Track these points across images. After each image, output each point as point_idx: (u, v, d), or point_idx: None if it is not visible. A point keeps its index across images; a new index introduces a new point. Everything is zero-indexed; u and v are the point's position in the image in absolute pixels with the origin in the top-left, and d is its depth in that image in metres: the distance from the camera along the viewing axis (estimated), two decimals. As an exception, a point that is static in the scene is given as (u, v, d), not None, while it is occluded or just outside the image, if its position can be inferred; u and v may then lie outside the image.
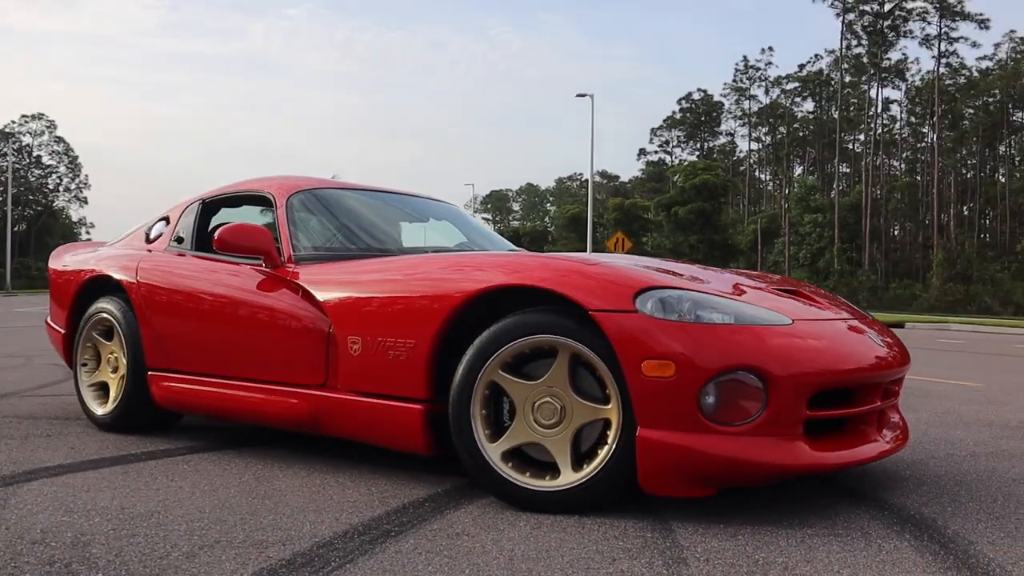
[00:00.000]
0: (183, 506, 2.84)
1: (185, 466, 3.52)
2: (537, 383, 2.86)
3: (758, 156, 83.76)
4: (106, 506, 2.83)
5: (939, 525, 2.79)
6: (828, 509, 2.96)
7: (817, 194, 60.88)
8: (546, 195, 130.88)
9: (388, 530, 2.59)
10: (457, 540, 2.51)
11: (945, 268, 46.59)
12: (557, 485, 2.80)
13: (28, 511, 2.75)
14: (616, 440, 2.74)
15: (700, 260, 44.73)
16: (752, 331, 2.72)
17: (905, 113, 71.99)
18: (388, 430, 3.17)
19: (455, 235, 4.46)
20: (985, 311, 41.23)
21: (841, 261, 56.35)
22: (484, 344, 2.90)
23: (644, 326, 2.66)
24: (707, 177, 42.71)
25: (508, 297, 2.96)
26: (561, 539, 2.54)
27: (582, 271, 2.84)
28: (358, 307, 3.27)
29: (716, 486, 2.75)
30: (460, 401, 2.92)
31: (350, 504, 2.91)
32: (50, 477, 3.26)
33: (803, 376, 2.73)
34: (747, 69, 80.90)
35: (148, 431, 4.25)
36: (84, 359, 4.48)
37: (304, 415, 3.44)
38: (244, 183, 4.45)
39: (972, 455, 4.06)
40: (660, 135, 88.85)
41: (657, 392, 2.62)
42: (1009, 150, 66.27)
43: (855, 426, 3.05)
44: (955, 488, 3.35)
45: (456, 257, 3.28)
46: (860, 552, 2.48)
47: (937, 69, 58.60)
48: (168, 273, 4.10)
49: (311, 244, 3.80)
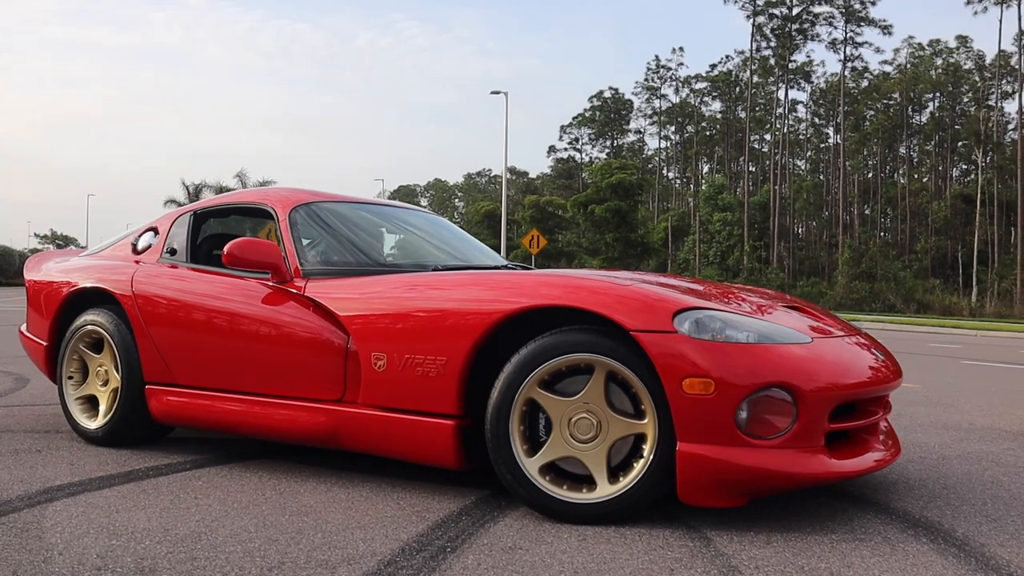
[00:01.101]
0: (225, 526, 2.85)
1: (199, 482, 3.50)
2: (574, 399, 2.97)
3: (666, 154, 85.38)
4: (147, 527, 2.82)
5: (947, 528, 3.00)
6: (840, 515, 3.14)
7: (726, 193, 62.40)
8: (454, 191, 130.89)
9: (443, 546, 2.66)
10: (514, 554, 2.59)
11: (851, 266, 48.32)
12: (595, 497, 2.91)
13: (70, 534, 2.73)
14: (653, 454, 2.86)
15: (616, 258, 45.52)
16: (782, 350, 2.88)
17: (809, 114, 74.42)
18: (417, 445, 3.23)
19: (451, 247, 4.51)
20: (889, 308, 42.92)
21: (751, 259, 57.90)
22: (523, 362, 2.99)
23: (684, 346, 2.79)
24: (623, 176, 43.39)
25: (542, 316, 3.05)
26: (612, 551, 2.65)
27: (621, 292, 2.95)
28: (383, 324, 3.32)
29: (748, 496, 2.90)
30: (498, 418, 3.01)
31: (389, 519, 2.96)
32: (69, 496, 3.22)
33: (827, 391, 2.90)
34: (659, 68, 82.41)
35: (140, 445, 4.20)
36: (70, 372, 4.39)
37: (322, 430, 3.47)
38: (240, 194, 4.42)
39: (943, 458, 4.32)
40: (570, 132, 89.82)
41: (697, 408, 2.76)
42: (909, 151, 69.11)
43: (860, 437, 3.24)
44: (943, 491, 3.58)
45: (489, 276, 3.35)
46: (889, 556, 2.66)
47: (843, 72, 60.68)
48: (168, 286, 4.05)
49: (318, 258, 3.82)
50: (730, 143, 77.73)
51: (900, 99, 65.81)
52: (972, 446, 4.67)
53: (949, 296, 46.50)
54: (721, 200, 60.32)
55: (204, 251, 4.40)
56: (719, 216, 59.16)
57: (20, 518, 2.92)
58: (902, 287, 45.13)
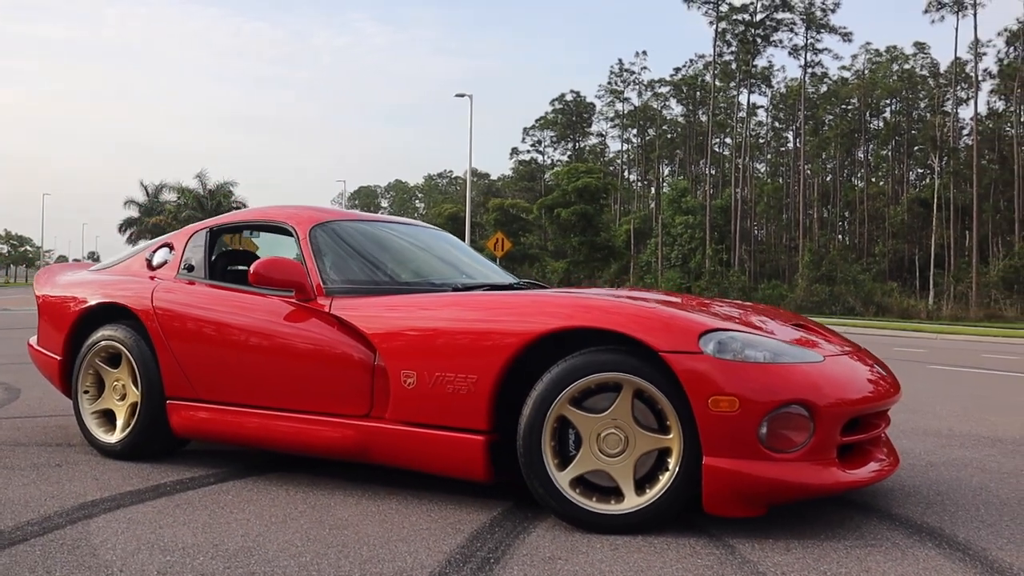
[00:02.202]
0: (272, 540, 2.97)
1: (228, 496, 3.60)
2: (603, 416, 3.12)
3: (628, 157, 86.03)
4: (196, 543, 2.92)
5: (948, 534, 3.20)
6: (848, 522, 3.33)
7: (688, 196, 63.05)
8: (415, 192, 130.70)
9: (486, 557, 2.80)
10: (555, 564, 2.74)
11: (811, 269, 49.06)
12: (623, 508, 3.07)
13: (123, 550, 2.83)
14: (678, 467, 3.03)
15: (582, 261, 45.88)
16: (800, 368, 3.07)
17: (770, 118, 75.42)
18: (448, 460, 3.37)
19: (462, 264, 4.65)
20: (849, 311, 43.66)
21: (713, 262, 58.57)
22: (554, 381, 3.14)
23: (709, 366, 2.96)
24: (589, 180, 43.77)
25: (571, 336, 3.20)
26: (646, 560, 2.81)
27: (650, 315, 3.12)
28: (413, 342, 3.45)
29: (767, 506, 3.07)
30: (531, 434, 3.15)
31: (426, 532, 3.09)
32: (107, 512, 3.31)
33: (839, 406, 3.09)
34: (622, 72, 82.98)
35: (158, 458, 4.28)
36: (86, 386, 4.45)
37: (351, 444, 3.59)
38: (256, 212, 4.52)
39: (931, 465, 4.54)
40: (533, 135, 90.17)
41: (723, 425, 2.93)
42: (866, 156, 70.32)
43: (865, 448, 3.43)
44: (938, 498, 3.78)
45: (520, 297, 3.50)
46: (901, 561, 2.85)
47: (803, 78, 61.60)
48: (191, 303, 4.14)
49: (340, 277, 3.93)
50: (691, 146, 78.52)
51: (858, 104, 66.96)
52: (955, 452, 4.90)
53: (907, 299, 47.44)
54: (684, 203, 60.91)
55: (220, 267, 4.49)
56: (681, 219, 59.72)
57: (67, 535, 3.00)
58: (861, 290, 45.93)
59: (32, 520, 3.17)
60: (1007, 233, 56.30)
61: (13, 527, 3.08)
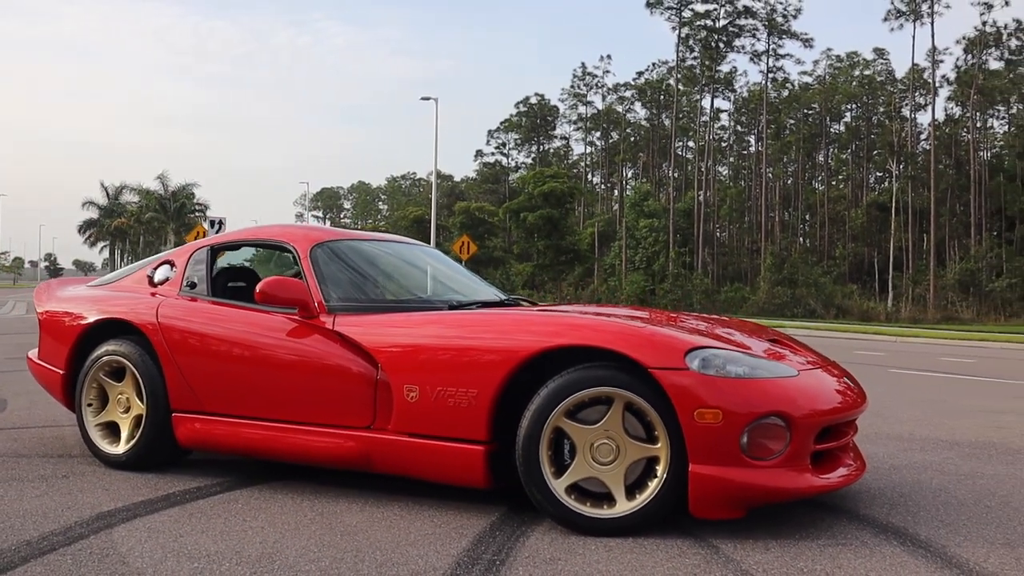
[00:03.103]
0: (289, 547, 3.17)
1: (237, 505, 3.79)
2: (596, 427, 3.37)
3: (591, 160, 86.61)
4: (217, 550, 3.12)
5: (912, 533, 3.48)
6: (820, 522, 3.60)
7: (652, 199, 63.67)
8: (378, 193, 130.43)
9: (492, 560, 3.03)
10: (556, 565, 2.98)
11: (773, 272, 49.86)
12: (615, 513, 3.32)
13: (150, 559, 3.01)
14: (666, 474, 3.28)
15: (548, 265, 46.25)
16: (777, 383, 3.34)
17: (732, 122, 76.34)
18: (449, 468, 3.59)
19: (454, 281, 4.87)
20: (810, 314, 44.46)
21: (676, 265, 59.23)
22: (550, 395, 3.37)
23: (695, 381, 3.21)
24: (555, 184, 44.18)
25: (566, 353, 3.44)
26: (639, 560, 3.05)
27: (640, 333, 3.37)
28: (415, 358, 3.67)
29: (747, 509, 3.33)
30: (528, 445, 3.39)
31: (433, 536, 3.31)
32: (125, 522, 3.48)
33: (813, 417, 3.36)
34: (584, 76, 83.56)
35: (162, 468, 4.45)
36: (89, 399, 4.61)
37: (354, 454, 3.80)
38: (257, 231, 4.71)
39: (894, 468, 4.84)
40: (497, 137, 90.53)
41: (707, 435, 3.18)
42: (827, 159, 71.47)
43: (834, 455, 3.70)
44: (901, 499, 4.07)
45: (518, 315, 3.74)
46: (869, 558, 3.12)
47: (765, 83, 62.51)
48: (196, 320, 4.31)
49: (340, 295, 4.14)
50: (654, 150, 79.27)
51: (819, 109, 68.06)
52: (916, 456, 5.21)
53: (866, 301, 48.38)
54: (647, 206, 61.52)
55: (220, 284, 4.67)
56: (645, 222, 60.33)
57: (92, 544, 3.18)
58: (822, 292, 46.78)
59: (55, 530, 3.34)
60: (963, 237, 57.57)
61: (38, 537, 3.25)
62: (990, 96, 59.44)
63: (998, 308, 44.52)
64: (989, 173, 58.74)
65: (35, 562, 2.96)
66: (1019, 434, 6.12)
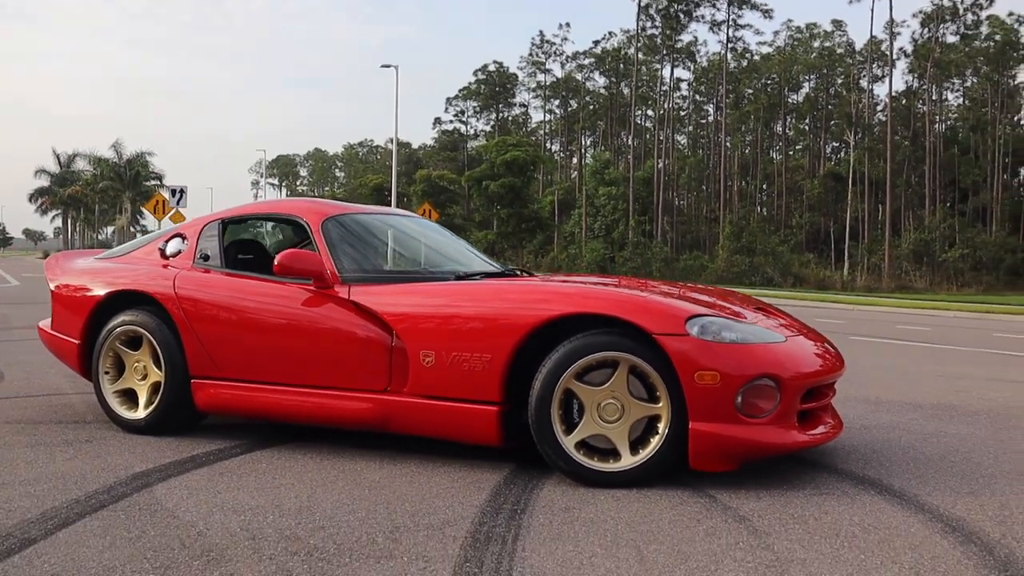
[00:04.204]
0: (324, 500, 3.43)
1: (262, 464, 4.04)
2: (602, 388, 3.66)
3: (550, 128, 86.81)
4: (257, 504, 3.37)
5: (886, 484, 3.83)
6: (803, 475, 3.94)
7: (612, 168, 64.08)
8: (335, 161, 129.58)
9: (513, 509, 3.32)
10: (572, 513, 3.28)
11: (732, 241, 50.59)
12: (620, 467, 3.63)
13: (198, 512, 3.26)
14: (667, 430, 3.59)
15: (510, 232, 46.56)
16: (768, 348, 3.65)
17: (691, 92, 76.86)
18: (464, 428, 3.87)
19: (455, 252, 5.12)
20: (768, 282, 45.28)
21: (636, 233, 59.81)
22: (561, 359, 3.66)
23: (694, 346, 3.52)
24: (517, 153, 44.35)
25: (573, 320, 3.72)
26: (646, 508, 3.36)
27: (644, 303, 3.66)
28: (432, 326, 3.93)
29: (740, 462, 3.66)
30: (541, 406, 3.67)
31: (454, 490, 3.60)
32: (161, 481, 3.72)
33: (800, 379, 3.69)
34: (543, 43, 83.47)
35: (180, 432, 4.66)
36: (106, 368, 4.80)
37: (372, 416, 4.06)
38: (266, 205, 4.93)
39: (865, 427, 5.20)
40: (456, 105, 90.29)
41: (706, 395, 3.49)
42: (785, 129, 72.33)
43: (816, 414, 4.03)
44: (874, 455, 4.43)
45: (524, 286, 4.02)
46: (850, 505, 3.46)
47: (725, 53, 62.97)
48: (214, 291, 4.52)
49: (353, 266, 4.37)
50: (613, 118, 79.59)
51: (778, 79, 68.76)
52: (884, 417, 5.59)
53: (823, 270, 49.33)
54: (606, 175, 61.91)
55: (231, 256, 4.87)
56: (605, 190, 60.73)
57: (137, 501, 3.41)
58: (779, 261, 47.62)
59: (99, 490, 3.57)
60: (918, 207, 58.80)
61: (85, 496, 3.48)
62: (946, 69, 60.48)
63: (950, 278, 45.66)
64: (944, 145, 59.94)
65: (90, 518, 3.19)
66: (976, 397, 6.54)
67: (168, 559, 2.76)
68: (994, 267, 48.60)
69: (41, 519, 3.17)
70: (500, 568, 2.70)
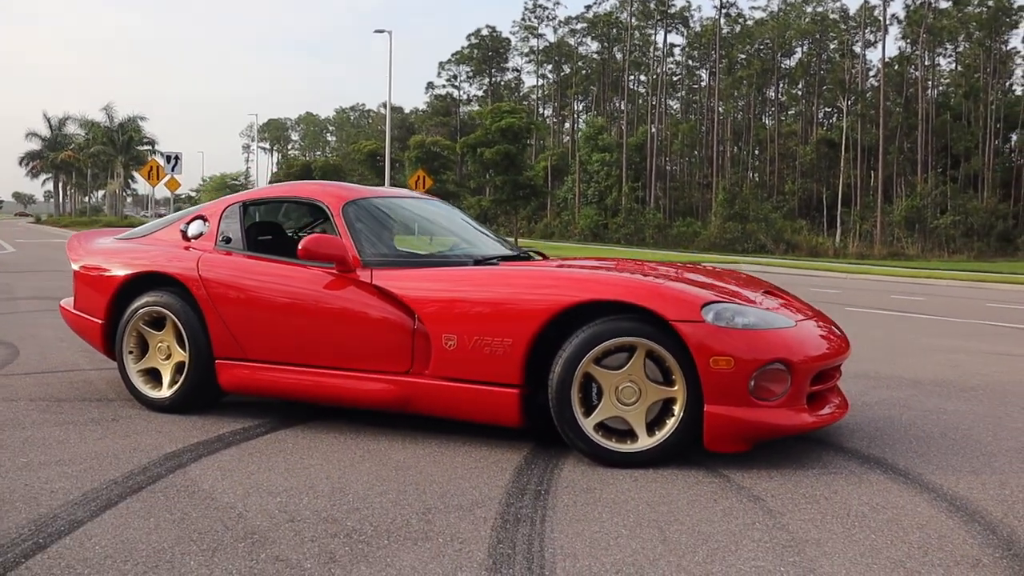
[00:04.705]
0: (354, 481, 3.57)
1: (288, 444, 4.17)
2: (620, 372, 3.80)
3: (542, 93, 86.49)
4: (290, 486, 3.50)
5: (891, 463, 3.99)
6: (811, 453, 4.09)
7: (605, 134, 63.99)
8: (326, 125, 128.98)
9: (537, 490, 3.46)
10: (594, 494, 3.43)
11: (725, 208, 50.73)
12: (637, 447, 3.77)
13: (234, 494, 3.39)
14: (682, 413, 3.73)
15: (505, 200, 46.50)
16: (780, 333, 3.79)
17: (684, 57, 76.56)
18: (486, 409, 4.01)
19: (471, 236, 5.23)
20: (760, 248, 45.49)
21: (630, 199, 59.89)
22: (581, 344, 3.79)
23: (710, 332, 3.65)
24: (512, 120, 44.18)
25: (591, 306, 3.85)
26: (664, 488, 3.51)
27: (661, 290, 3.79)
28: (454, 310, 4.05)
29: (752, 443, 3.81)
30: (561, 389, 3.81)
31: (479, 470, 3.74)
32: (194, 462, 3.84)
33: (810, 362, 3.82)
34: (536, 8, 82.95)
35: (202, 411, 4.79)
36: (130, 347, 4.91)
37: (394, 397, 4.19)
38: (286, 187, 5.01)
39: (866, 404, 5.36)
40: (448, 69, 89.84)
41: (721, 379, 3.63)
42: (777, 95, 72.19)
43: (823, 396, 4.18)
44: (877, 433, 4.59)
45: (548, 272, 4.13)
46: (859, 485, 3.62)
47: (719, 18, 62.63)
48: (238, 273, 4.62)
49: (373, 250, 4.48)
50: (606, 83, 79.31)
51: (772, 45, 68.51)
52: (883, 393, 5.75)
53: (815, 237, 49.56)
54: (600, 140, 61.84)
55: (252, 238, 4.97)
56: (598, 156, 60.72)
57: (174, 482, 3.54)
58: (772, 228, 47.82)
59: (134, 470, 3.70)
60: (910, 174, 58.97)
61: (122, 477, 3.60)
62: (939, 35, 60.33)
63: (942, 244, 46.00)
64: (936, 111, 59.96)
65: (132, 499, 3.32)
66: (972, 373, 6.71)
67: (214, 541, 2.90)
68: (985, 234, 48.92)
69: (84, 500, 3.30)
70: (532, 549, 2.85)
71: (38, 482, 3.52)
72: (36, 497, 3.33)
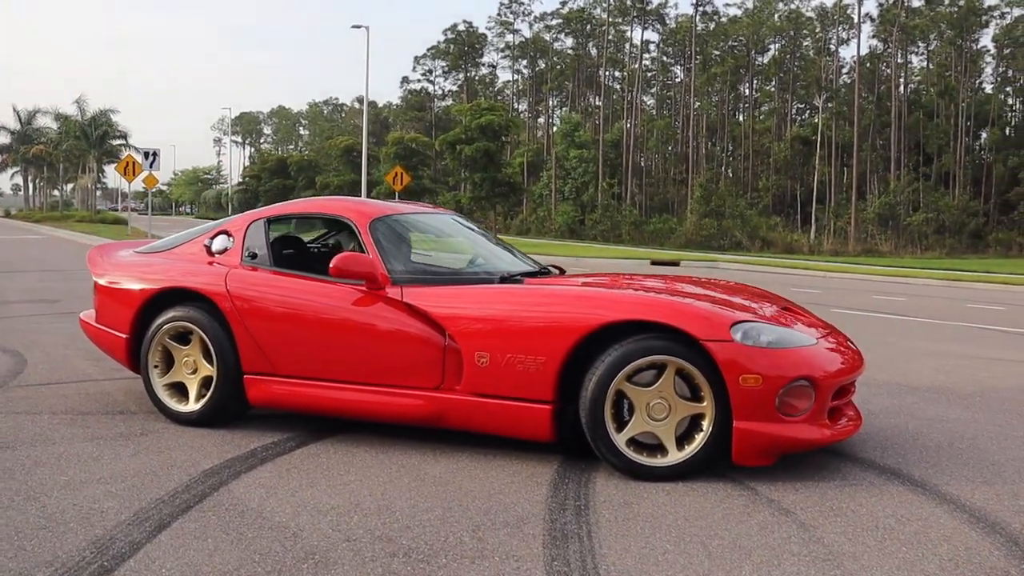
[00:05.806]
0: (398, 499, 3.67)
1: (322, 459, 4.26)
2: (651, 389, 3.93)
3: (517, 88, 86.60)
4: (336, 504, 3.60)
5: (907, 474, 4.16)
6: (830, 465, 4.25)
7: (582, 130, 64.19)
8: (299, 119, 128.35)
9: (576, 505, 3.59)
10: (632, 508, 3.56)
11: (701, 204, 51.07)
12: (668, 462, 3.91)
13: (284, 514, 3.48)
14: (711, 428, 3.87)
15: (484, 197, 46.68)
16: (804, 351, 3.94)
17: (659, 53, 76.92)
18: (518, 425, 4.13)
19: (494, 252, 5.34)
20: (736, 245, 45.87)
21: (606, 196, 60.15)
22: (613, 362, 3.92)
23: (738, 350, 3.79)
24: (492, 117, 44.31)
25: (624, 325, 3.97)
26: (698, 501, 3.65)
27: (691, 311, 3.93)
28: (487, 328, 4.16)
29: (777, 457, 3.96)
30: (594, 406, 3.94)
31: (515, 485, 3.86)
32: (235, 479, 3.93)
33: (831, 378, 3.98)
34: (512, 3, 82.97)
35: (229, 424, 4.86)
36: (155, 362, 4.98)
37: (427, 412, 4.30)
38: (314, 204, 5.11)
39: (871, 413, 5.52)
40: (423, 64, 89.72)
41: (750, 397, 3.78)
42: (751, 92, 72.74)
43: (840, 410, 4.33)
44: (888, 443, 4.76)
45: (578, 292, 4.27)
46: (880, 496, 3.78)
47: (695, 15, 63.02)
48: (266, 289, 4.70)
49: (402, 267, 4.58)
50: (581, 79, 79.53)
51: (746, 41, 69.01)
52: (886, 401, 5.92)
53: (790, 234, 50.05)
54: (577, 137, 62.01)
55: (277, 253, 5.04)
56: (575, 153, 60.89)
57: (222, 501, 3.62)
58: (747, 225, 48.23)
59: (178, 489, 3.78)
60: (883, 170, 59.65)
61: (167, 495, 3.68)
62: (911, 34, 61.06)
63: (914, 241, 46.65)
64: (908, 109, 60.68)
65: (183, 519, 3.41)
66: (966, 379, 6.91)
67: (277, 563, 3.00)
68: (957, 231, 49.66)
69: (136, 521, 3.38)
70: (586, 566, 2.98)
71: (86, 502, 3.60)
72: (88, 517, 3.41)
